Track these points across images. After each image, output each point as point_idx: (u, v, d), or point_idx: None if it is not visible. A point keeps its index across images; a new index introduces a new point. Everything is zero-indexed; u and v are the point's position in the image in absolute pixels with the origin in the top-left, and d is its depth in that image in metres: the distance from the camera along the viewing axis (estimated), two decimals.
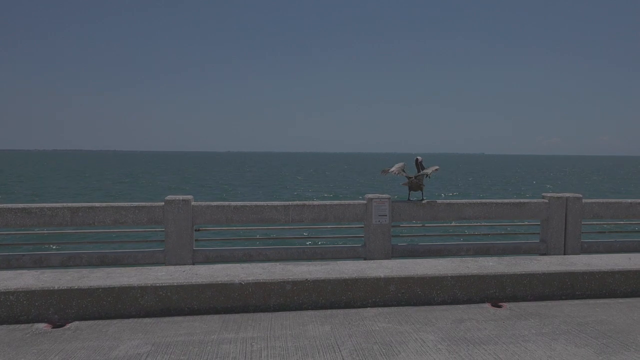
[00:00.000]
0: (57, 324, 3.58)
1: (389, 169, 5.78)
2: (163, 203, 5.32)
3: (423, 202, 5.78)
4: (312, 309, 3.96)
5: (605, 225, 6.64)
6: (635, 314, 3.94)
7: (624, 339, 3.39)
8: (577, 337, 3.40)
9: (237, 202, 5.46)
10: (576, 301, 4.26)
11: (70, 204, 5.20)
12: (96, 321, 3.66)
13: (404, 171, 5.80)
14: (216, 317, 3.77)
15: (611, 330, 3.56)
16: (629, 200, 6.33)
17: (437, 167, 5.84)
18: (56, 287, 3.66)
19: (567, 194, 6.09)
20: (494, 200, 5.94)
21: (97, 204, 5.23)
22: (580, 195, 6.11)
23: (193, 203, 5.38)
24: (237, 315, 3.81)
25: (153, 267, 4.35)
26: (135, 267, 4.29)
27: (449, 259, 4.72)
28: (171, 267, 4.29)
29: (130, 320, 3.69)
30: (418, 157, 5.89)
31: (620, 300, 4.31)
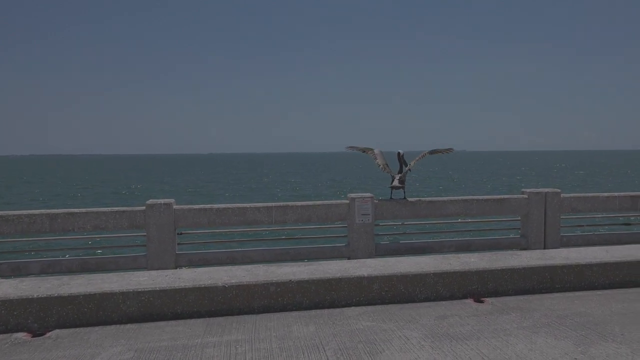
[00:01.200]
0: (37, 333, 3.52)
1: (375, 157, 5.81)
2: (144, 207, 5.27)
3: (405, 200, 5.83)
4: (296, 309, 3.96)
5: (583, 219, 6.76)
6: (612, 305, 4.02)
7: (601, 330, 3.46)
8: (556, 330, 3.46)
9: (219, 205, 5.44)
10: (556, 294, 4.34)
11: (48, 211, 5.12)
12: (77, 329, 3.60)
13: (387, 166, 5.81)
14: (200, 320, 3.75)
15: (590, 322, 3.63)
16: (606, 194, 6.46)
17: (412, 162, 5.82)
18: (35, 296, 3.60)
19: (546, 189, 6.19)
20: (475, 197, 6.01)
21: (76, 210, 5.16)
22: (559, 190, 6.22)
23: (175, 207, 5.34)
24: (221, 319, 3.79)
25: (135, 272, 4.31)
26: (116, 273, 4.24)
27: (431, 256, 4.76)
28: (153, 272, 4.25)
29: (113, 326, 3.64)
30: (400, 152, 5.93)
31: (599, 292, 4.40)
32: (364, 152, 5.98)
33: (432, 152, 5.82)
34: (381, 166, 5.76)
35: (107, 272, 4.77)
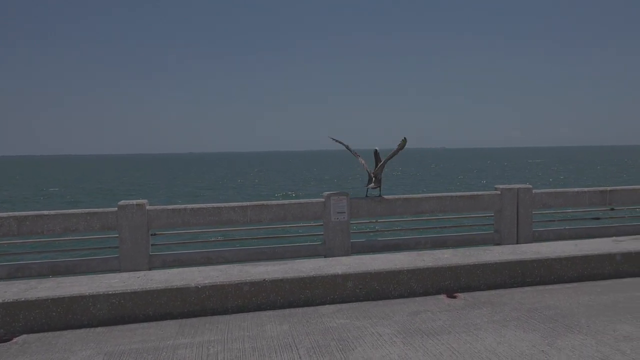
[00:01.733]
0: (3, 339, 3.44)
1: (356, 155, 5.85)
2: (116, 208, 5.19)
3: (381, 198, 5.86)
4: (270, 309, 3.96)
5: (555, 214, 6.90)
6: (580, 297, 4.12)
7: (569, 322, 3.54)
8: (525, 323, 3.53)
9: (193, 205, 5.39)
10: (526, 288, 4.42)
11: (16, 213, 5.00)
12: (45, 333, 3.53)
13: (366, 167, 5.87)
14: (172, 322, 3.71)
15: (558, 314, 3.71)
16: (576, 189, 6.60)
17: (387, 158, 5.83)
18: (1, 300, 3.52)
19: (518, 186, 6.30)
20: (449, 194, 6.08)
21: (45, 212, 5.05)
22: (530, 186, 6.33)
23: (148, 207, 5.27)
24: (194, 320, 3.76)
25: (106, 274, 4.25)
26: (87, 276, 4.17)
27: (405, 252, 4.80)
28: (125, 274, 4.19)
29: (82, 330, 3.58)
30: (376, 149, 5.96)
31: (567, 285, 4.50)
32: (347, 148, 6.01)
33: (390, 157, 5.80)
34: (364, 164, 5.83)
35: (78, 275, 4.69)
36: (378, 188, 5.87)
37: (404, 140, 5.57)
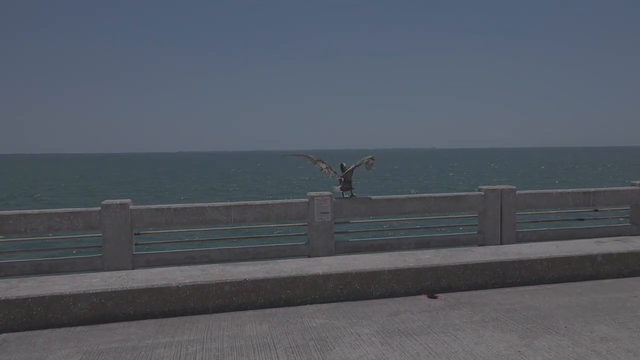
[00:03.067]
0: None
1: (314, 161, 5.87)
2: (99, 208, 5.17)
3: (365, 198, 5.89)
4: (251, 308, 3.97)
5: (538, 215, 6.96)
6: (560, 298, 4.16)
7: (547, 323, 3.58)
8: (504, 324, 3.56)
9: (177, 205, 5.38)
10: (507, 289, 4.46)
11: None
12: (25, 332, 3.52)
13: (331, 168, 5.90)
14: (153, 321, 3.71)
15: (536, 315, 3.75)
16: (559, 191, 6.67)
17: (358, 162, 5.90)
18: None
19: (502, 186, 6.35)
20: (433, 194, 6.12)
21: (28, 211, 5.03)
22: (514, 187, 6.38)
23: (131, 207, 5.26)
24: (174, 319, 3.76)
25: (87, 273, 4.24)
26: (68, 275, 4.16)
27: (387, 253, 4.83)
28: (107, 273, 4.19)
29: (62, 329, 3.57)
30: (343, 163, 6.01)
31: (548, 286, 4.54)
32: (308, 157, 6.04)
33: (357, 165, 5.89)
34: (324, 169, 5.84)
35: (61, 274, 4.67)
36: (349, 190, 5.92)
37: (372, 158, 5.83)
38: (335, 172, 5.93)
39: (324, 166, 5.84)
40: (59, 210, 5.12)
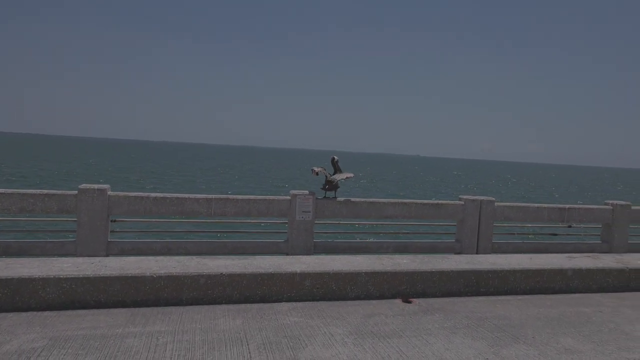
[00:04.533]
0: None
1: (316, 170, 5.93)
2: (76, 192, 5.07)
3: (347, 200, 5.91)
4: (226, 303, 3.94)
5: (515, 228, 7.06)
6: (530, 309, 4.23)
7: (516, 332, 3.63)
8: (475, 331, 3.61)
9: (157, 194, 5.31)
10: (480, 297, 4.52)
11: None
12: None
13: (324, 170, 5.95)
14: (124, 310, 3.66)
15: (506, 324, 3.80)
16: (536, 205, 6.78)
17: (351, 174, 6.06)
18: None
19: (481, 197, 6.43)
20: (414, 201, 6.16)
21: (1, 190, 4.90)
22: (493, 199, 6.47)
23: (109, 193, 5.17)
24: (146, 309, 3.71)
25: (59, 258, 4.15)
26: (38, 258, 4.07)
27: (365, 255, 4.84)
28: (79, 259, 4.11)
29: (29, 313, 3.50)
30: (334, 157, 6.07)
31: (519, 297, 4.62)
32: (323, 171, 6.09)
33: (347, 177, 6.00)
34: (316, 171, 5.88)
35: (31, 257, 4.56)
36: (333, 191, 5.95)
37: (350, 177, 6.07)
38: (326, 173, 5.96)
39: (317, 170, 5.89)
40: (33, 191, 5.00)
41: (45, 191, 5.00)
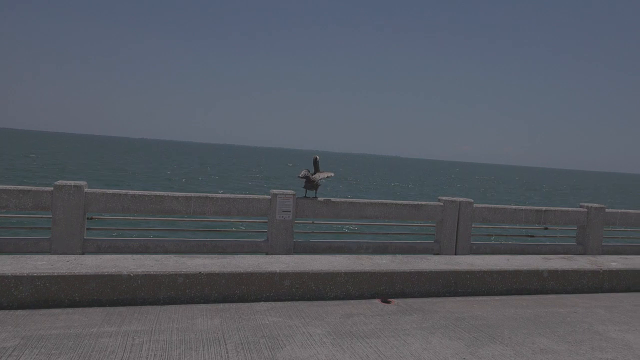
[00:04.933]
0: None
1: (301, 175, 5.98)
2: (52, 188, 4.96)
3: (327, 200, 5.91)
4: (204, 302, 3.90)
5: (493, 229, 7.16)
6: (506, 310, 4.30)
7: (493, 332, 3.68)
8: (452, 331, 3.64)
9: (135, 191, 5.23)
10: (458, 298, 4.57)
11: None
12: None
13: (308, 171, 5.98)
14: (99, 309, 3.59)
15: (483, 324, 3.85)
16: (514, 207, 6.88)
17: (331, 173, 6.11)
18: None
19: (460, 199, 6.50)
20: (394, 201, 6.19)
21: None
22: (472, 200, 6.55)
23: (86, 190, 5.07)
24: (122, 308, 3.65)
25: (33, 255, 4.06)
26: (12, 256, 3.98)
27: (345, 255, 4.85)
28: (54, 256, 4.03)
29: (1, 312, 3.42)
30: (316, 157, 6.11)
31: (497, 297, 4.68)
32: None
33: (328, 177, 6.08)
34: (301, 174, 5.93)
35: (3, 255, 4.45)
36: (314, 190, 5.97)
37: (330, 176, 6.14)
38: (308, 171, 5.98)
39: (302, 172, 5.94)
40: (7, 187, 4.88)
41: (20, 187, 4.89)
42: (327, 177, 6.03)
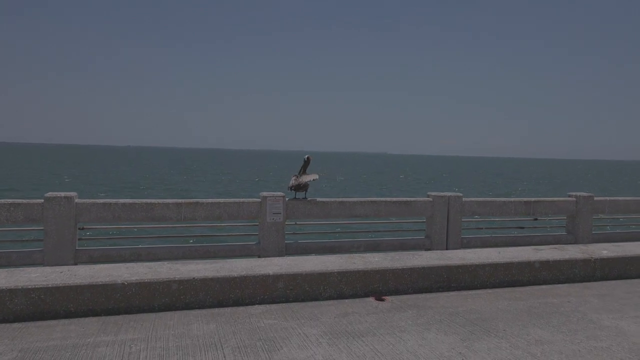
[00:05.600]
0: None
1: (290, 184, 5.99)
2: (42, 200, 4.94)
3: (316, 200, 5.95)
4: (199, 308, 3.92)
5: (483, 222, 7.25)
6: (500, 302, 4.35)
7: (487, 325, 3.73)
8: (447, 326, 3.69)
9: (125, 200, 5.23)
10: (451, 293, 4.62)
11: None
12: None
13: (296, 176, 6.00)
14: (95, 319, 3.60)
15: (478, 318, 3.90)
16: (503, 199, 6.97)
17: (316, 175, 6.09)
18: None
19: (449, 193, 6.57)
20: (384, 199, 6.24)
21: None
22: (461, 195, 6.61)
23: (77, 200, 5.06)
24: (118, 317, 3.66)
25: (26, 268, 4.05)
26: (5, 269, 3.96)
27: (337, 255, 4.89)
28: (47, 268, 4.02)
29: None
30: (309, 157, 6.11)
31: (489, 290, 4.74)
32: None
33: (314, 179, 6.09)
34: (290, 185, 5.94)
35: None
36: (303, 192, 5.97)
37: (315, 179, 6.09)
38: (296, 176, 5.99)
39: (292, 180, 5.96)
40: None
41: (11, 200, 4.87)
42: (313, 179, 6.04)
